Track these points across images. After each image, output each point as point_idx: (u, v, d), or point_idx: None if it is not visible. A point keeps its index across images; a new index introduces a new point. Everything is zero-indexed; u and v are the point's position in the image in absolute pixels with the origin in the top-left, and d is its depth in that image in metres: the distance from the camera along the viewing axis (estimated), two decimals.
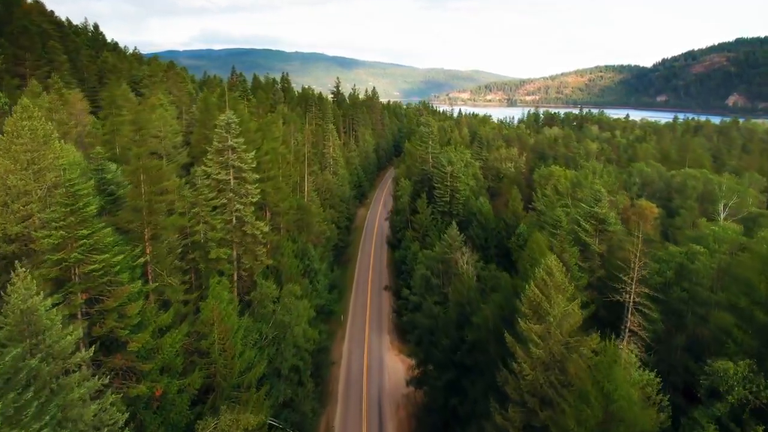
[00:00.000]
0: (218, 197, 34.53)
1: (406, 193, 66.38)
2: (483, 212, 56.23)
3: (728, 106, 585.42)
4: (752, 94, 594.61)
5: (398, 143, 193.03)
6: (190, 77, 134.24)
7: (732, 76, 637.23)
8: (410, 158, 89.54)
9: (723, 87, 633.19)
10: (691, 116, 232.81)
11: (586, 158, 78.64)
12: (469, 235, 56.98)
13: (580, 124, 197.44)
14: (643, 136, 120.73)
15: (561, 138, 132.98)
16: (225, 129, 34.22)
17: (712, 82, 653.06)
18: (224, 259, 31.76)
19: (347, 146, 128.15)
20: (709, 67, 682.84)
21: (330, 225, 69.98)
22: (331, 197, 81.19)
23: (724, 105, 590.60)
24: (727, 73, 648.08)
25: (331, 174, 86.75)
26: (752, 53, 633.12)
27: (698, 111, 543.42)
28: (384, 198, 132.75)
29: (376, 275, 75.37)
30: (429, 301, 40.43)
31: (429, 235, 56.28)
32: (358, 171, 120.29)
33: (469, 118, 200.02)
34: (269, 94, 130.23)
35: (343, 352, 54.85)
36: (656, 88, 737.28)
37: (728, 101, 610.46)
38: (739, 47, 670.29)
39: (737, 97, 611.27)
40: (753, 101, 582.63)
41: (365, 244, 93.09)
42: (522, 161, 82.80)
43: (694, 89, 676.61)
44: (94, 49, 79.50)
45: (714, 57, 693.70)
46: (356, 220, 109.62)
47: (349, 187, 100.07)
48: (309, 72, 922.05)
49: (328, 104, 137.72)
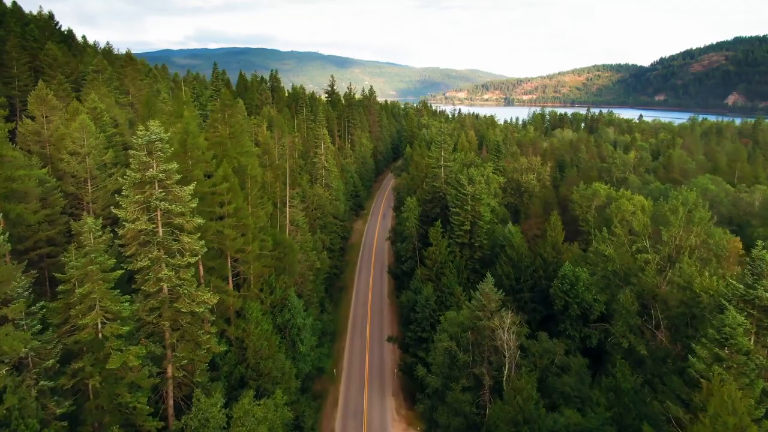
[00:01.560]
0: (138, 255, 21.98)
1: (412, 215, 53.88)
2: (513, 244, 43.93)
3: (728, 105, 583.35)
4: (752, 92, 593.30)
5: (397, 146, 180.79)
6: (173, 75, 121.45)
7: (731, 74, 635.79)
8: (415, 169, 77.08)
9: (722, 86, 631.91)
10: (696, 116, 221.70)
11: (622, 169, 66.46)
12: (494, 273, 44.78)
13: (591, 125, 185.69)
14: (671, 141, 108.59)
15: (578, 142, 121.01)
16: (146, 151, 21.65)
17: (711, 81, 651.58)
18: (137, 365, 19.16)
19: (342, 151, 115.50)
20: (708, 66, 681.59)
21: (321, 252, 57.63)
22: (322, 215, 68.75)
23: (724, 104, 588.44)
24: (726, 71, 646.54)
25: (323, 187, 74.31)
26: (751, 52, 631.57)
27: (697, 110, 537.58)
28: (383, 208, 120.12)
29: (376, 313, 62.78)
30: (455, 389, 28.18)
31: (444, 274, 43.99)
32: (354, 180, 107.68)
33: (473, 119, 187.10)
34: (256, 94, 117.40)
35: (336, 428, 42.32)
36: (654, 87, 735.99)
37: (728, 100, 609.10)
38: (738, 46, 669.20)
39: (737, 96, 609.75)
40: (753, 100, 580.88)
41: (362, 268, 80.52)
42: (546, 172, 70.50)
43: (692, 88, 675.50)
44: (40, 41, 66.41)
45: (712, 56, 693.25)
46: (352, 236, 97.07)
47: (344, 200, 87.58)
48: (304, 71, 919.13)
49: (322, 105, 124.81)
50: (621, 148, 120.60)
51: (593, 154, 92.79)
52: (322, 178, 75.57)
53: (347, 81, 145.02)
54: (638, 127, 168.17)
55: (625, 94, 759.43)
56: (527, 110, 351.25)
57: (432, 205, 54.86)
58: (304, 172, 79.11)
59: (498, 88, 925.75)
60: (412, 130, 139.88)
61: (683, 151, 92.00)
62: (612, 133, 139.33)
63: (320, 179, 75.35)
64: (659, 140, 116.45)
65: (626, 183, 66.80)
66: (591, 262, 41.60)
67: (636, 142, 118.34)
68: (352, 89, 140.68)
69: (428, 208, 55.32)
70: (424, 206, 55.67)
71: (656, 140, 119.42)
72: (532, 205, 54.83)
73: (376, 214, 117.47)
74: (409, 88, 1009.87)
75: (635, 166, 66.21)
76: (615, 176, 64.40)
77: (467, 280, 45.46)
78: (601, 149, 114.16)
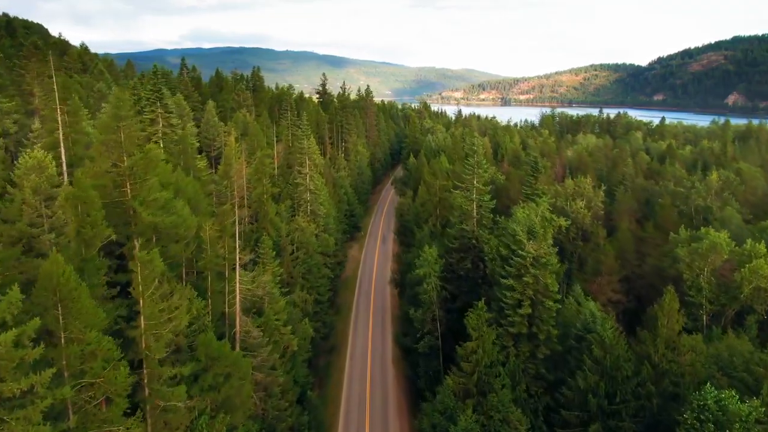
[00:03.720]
0: None
1: (431, 272, 36.71)
2: (603, 340, 27.13)
3: (728, 105, 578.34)
4: (752, 92, 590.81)
5: (396, 151, 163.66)
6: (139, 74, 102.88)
7: (731, 74, 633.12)
8: (426, 192, 60.03)
9: (722, 86, 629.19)
10: (718, 118, 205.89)
11: (704, 198, 49.62)
12: (573, 386, 27.97)
13: (608, 128, 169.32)
14: (722, 149, 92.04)
15: (615, 153, 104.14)
16: None
17: (711, 81, 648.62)
18: None
19: (335, 162, 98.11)
20: (707, 66, 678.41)
21: (299, 322, 40.58)
22: (306, 256, 51.54)
23: (724, 104, 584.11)
24: (725, 71, 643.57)
25: (308, 216, 57.19)
26: (750, 51, 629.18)
27: (697, 110, 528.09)
28: (383, 227, 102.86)
29: (377, 390, 45.64)
30: None
31: (493, 386, 27.25)
32: (348, 196, 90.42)
33: (481, 121, 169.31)
34: (232, 94, 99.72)
35: None
36: (653, 87, 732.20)
37: (728, 100, 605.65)
38: (737, 45, 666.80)
39: (737, 96, 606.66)
40: (753, 100, 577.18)
41: (359, 316, 63.21)
42: (599, 198, 53.62)
43: (692, 88, 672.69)
44: None
45: (711, 55, 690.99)
46: (347, 266, 79.82)
47: (336, 227, 70.42)
48: (299, 71, 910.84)
49: (310, 107, 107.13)
50: (657, 156, 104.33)
51: (638, 168, 76.35)
52: (306, 204, 58.36)
53: (343, 80, 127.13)
54: (661, 130, 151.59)
55: (623, 94, 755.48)
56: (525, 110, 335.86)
57: (459, 257, 37.92)
58: (284, 196, 61.95)
59: (494, 87, 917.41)
60: (415, 136, 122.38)
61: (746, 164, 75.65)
62: (641, 139, 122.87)
63: (304, 206, 58.13)
64: (703, 148, 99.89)
65: (707, 213, 50.23)
66: (733, 374, 24.91)
67: (675, 149, 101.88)
68: (346, 89, 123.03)
69: (454, 260, 38.37)
70: (448, 256, 38.66)
71: (698, 148, 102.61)
72: (601, 255, 38.14)
73: (375, 234, 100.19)
74: (405, 87, 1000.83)
75: (717, 191, 49.72)
76: (694, 204, 47.76)
77: (527, 394, 28.64)
78: (637, 159, 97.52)
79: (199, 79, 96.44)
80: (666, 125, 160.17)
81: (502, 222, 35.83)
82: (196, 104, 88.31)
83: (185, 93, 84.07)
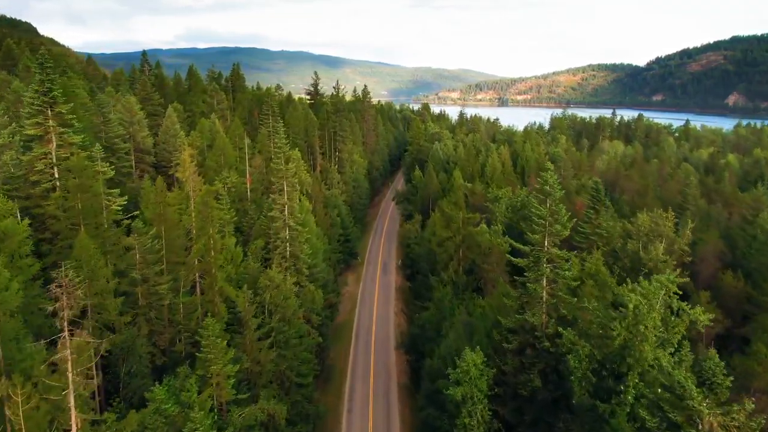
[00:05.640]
0: None
1: (475, 393, 21.72)
2: None
3: (728, 105, 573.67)
4: (752, 93, 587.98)
5: (396, 156, 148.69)
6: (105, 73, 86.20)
7: (730, 74, 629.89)
8: (445, 225, 44.93)
9: (722, 86, 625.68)
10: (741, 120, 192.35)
11: None
12: None
13: (626, 132, 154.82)
14: None
15: (638, 161, 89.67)
16: None
17: (710, 81, 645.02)
18: None
19: (326, 177, 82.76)
20: (707, 66, 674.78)
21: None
22: (283, 322, 36.51)
23: (724, 104, 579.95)
24: (725, 71, 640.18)
25: (286, 263, 42.09)
26: (750, 51, 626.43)
27: (697, 110, 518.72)
28: (383, 253, 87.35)
29: None
30: None
31: None
32: (342, 217, 75.15)
33: (489, 124, 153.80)
34: (203, 96, 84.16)
35: None
36: (651, 87, 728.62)
37: (728, 100, 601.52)
38: (736, 45, 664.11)
39: (737, 96, 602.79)
40: (754, 100, 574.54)
41: (356, 389, 48.00)
42: (684, 242, 38.88)
43: (691, 88, 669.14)
44: None
45: (710, 55, 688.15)
46: (341, 307, 64.58)
47: (326, 266, 55.22)
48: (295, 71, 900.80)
49: (301, 110, 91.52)
50: (701, 167, 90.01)
51: (693, 187, 61.60)
52: (285, 244, 43.15)
53: (338, 81, 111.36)
54: (686, 133, 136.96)
55: (622, 94, 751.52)
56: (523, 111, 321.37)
57: (519, 363, 22.85)
58: (256, 233, 46.70)
59: (492, 88, 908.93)
60: (419, 143, 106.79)
61: None
62: (673, 144, 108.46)
63: (281, 246, 42.90)
64: (757, 158, 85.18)
65: None
66: None
67: (721, 158, 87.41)
68: (340, 89, 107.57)
69: (509, 368, 23.25)
70: (500, 360, 23.54)
71: (752, 159, 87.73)
72: (749, 363, 23.63)
73: (374, 260, 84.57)
74: (401, 88, 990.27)
75: None
76: None
77: None
78: (677, 174, 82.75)
79: (163, 78, 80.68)
80: (690, 128, 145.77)
81: (595, 309, 20.90)
82: (157, 108, 72.93)
83: (142, 95, 68.59)
